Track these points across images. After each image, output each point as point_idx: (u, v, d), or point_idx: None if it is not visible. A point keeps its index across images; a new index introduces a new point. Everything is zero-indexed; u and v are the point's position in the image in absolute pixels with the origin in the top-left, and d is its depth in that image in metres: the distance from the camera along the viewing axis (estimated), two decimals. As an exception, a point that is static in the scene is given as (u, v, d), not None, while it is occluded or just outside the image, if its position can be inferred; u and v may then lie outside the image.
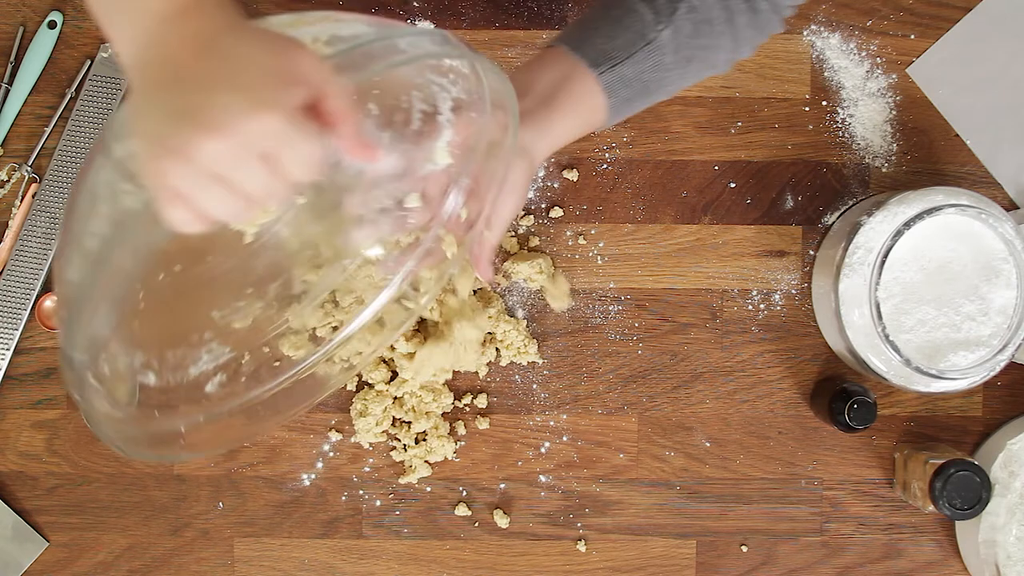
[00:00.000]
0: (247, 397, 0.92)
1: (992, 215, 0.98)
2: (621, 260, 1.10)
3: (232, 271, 0.89)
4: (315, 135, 0.59)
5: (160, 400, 0.85)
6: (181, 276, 0.86)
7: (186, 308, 0.89)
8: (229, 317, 0.91)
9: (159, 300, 0.86)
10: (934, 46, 1.09)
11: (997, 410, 1.10)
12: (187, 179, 0.58)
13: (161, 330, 0.87)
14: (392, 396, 1.09)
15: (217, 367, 0.90)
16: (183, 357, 0.88)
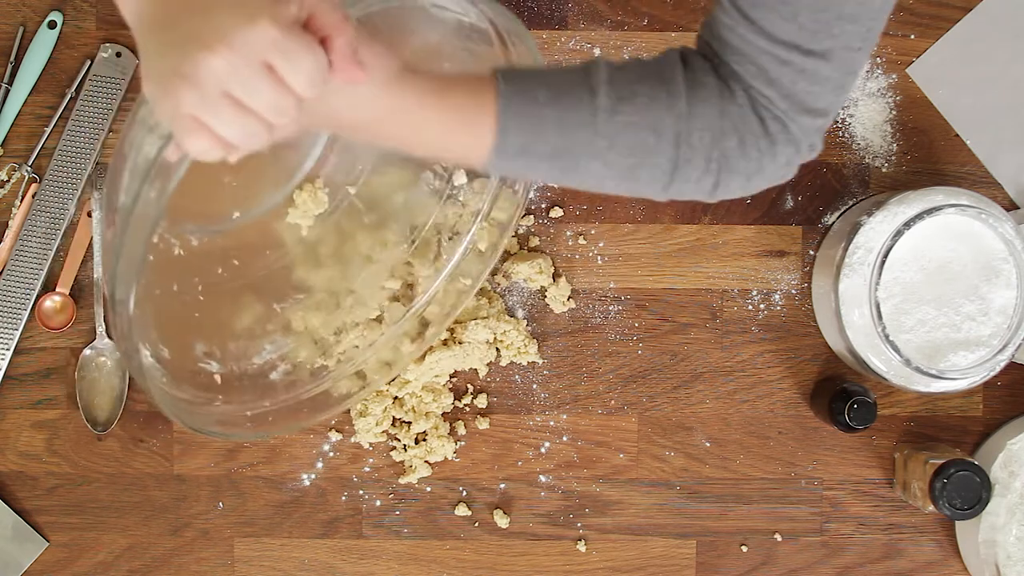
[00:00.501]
0: (313, 386, 0.92)
1: (992, 215, 0.98)
2: (621, 260, 1.10)
3: (292, 264, 0.89)
4: (312, 44, 0.60)
5: (224, 386, 0.86)
6: (240, 270, 0.87)
7: (248, 301, 0.90)
8: (291, 309, 0.92)
9: (219, 294, 0.87)
10: (934, 46, 1.09)
11: (997, 410, 1.10)
12: (199, 103, 0.60)
13: (223, 322, 0.88)
14: (392, 396, 1.09)
15: (281, 356, 0.90)
16: (246, 347, 0.89)
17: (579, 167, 0.73)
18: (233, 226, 0.87)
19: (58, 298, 1.08)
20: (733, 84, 0.74)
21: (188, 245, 0.84)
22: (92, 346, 1.08)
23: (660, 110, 0.72)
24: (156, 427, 1.09)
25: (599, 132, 0.72)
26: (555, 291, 1.09)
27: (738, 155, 0.74)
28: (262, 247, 0.88)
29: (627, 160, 0.73)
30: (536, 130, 0.71)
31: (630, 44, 1.09)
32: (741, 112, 0.73)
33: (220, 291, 0.87)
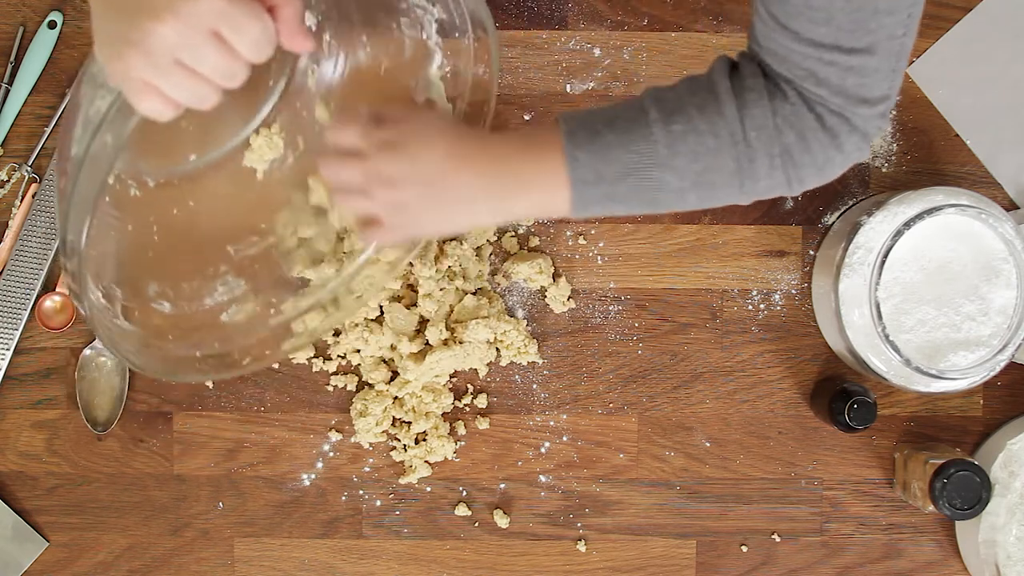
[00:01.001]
0: (263, 328, 0.93)
1: (992, 215, 0.98)
2: (621, 260, 1.10)
3: (247, 206, 0.91)
4: (258, 12, 0.64)
5: (174, 326, 0.87)
6: (196, 211, 0.88)
7: (202, 242, 0.91)
8: (244, 251, 0.93)
9: (173, 235, 0.88)
10: (934, 46, 1.09)
11: (997, 410, 1.10)
12: (149, 68, 0.63)
13: (176, 263, 0.89)
14: (392, 396, 1.09)
15: (232, 299, 0.91)
16: (199, 288, 0.90)
17: (653, 182, 0.77)
18: (190, 168, 0.88)
19: (58, 298, 1.08)
20: (784, 84, 0.76)
21: (145, 186, 0.86)
22: (92, 346, 1.08)
23: (712, 115, 0.76)
24: (156, 427, 1.09)
25: (659, 142, 0.75)
26: (555, 291, 1.09)
27: (801, 149, 0.76)
28: (217, 189, 0.89)
29: (693, 165, 0.76)
30: (603, 155, 0.76)
31: (630, 44, 1.09)
32: (795, 110, 0.75)
33: (175, 232, 0.89)
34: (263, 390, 1.10)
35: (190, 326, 0.90)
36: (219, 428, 1.10)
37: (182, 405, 1.10)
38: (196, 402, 1.10)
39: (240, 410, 1.10)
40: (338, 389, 1.10)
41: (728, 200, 0.79)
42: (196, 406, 1.10)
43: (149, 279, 0.88)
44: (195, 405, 1.10)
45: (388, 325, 1.07)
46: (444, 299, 1.07)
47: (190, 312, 0.90)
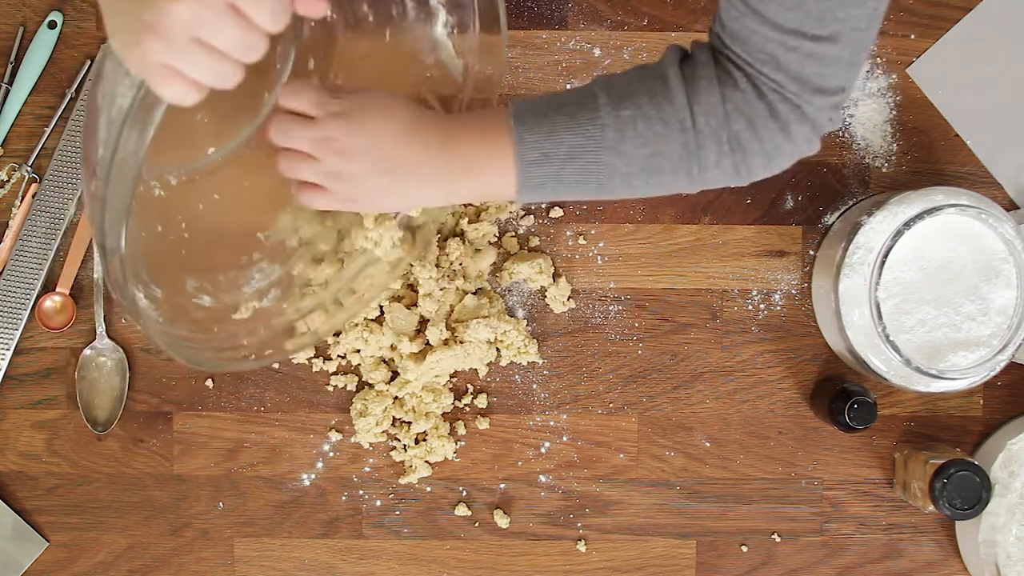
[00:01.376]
0: (302, 307, 0.94)
1: (992, 215, 0.98)
2: (621, 260, 1.10)
3: (272, 192, 0.91)
4: None
5: (217, 318, 0.88)
6: (222, 204, 0.88)
7: (232, 234, 0.91)
8: (275, 236, 0.93)
9: (203, 229, 0.88)
10: (934, 46, 1.09)
11: (997, 410, 1.10)
12: (167, 50, 0.62)
13: (210, 256, 0.89)
14: (392, 396, 1.09)
15: (270, 283, 0.92)
16: (235, 279, 0.90)
17: (600, 166, 0.77)
18: (210, 162, 0.88)
19: (58, 298, 1.08)
20: (735, 72, 0.76)
21: (168, 185, 0.86)
22: (92, 346, 1.08)
23: (661, 101, 0.76)
24: (156, 427, 1.09)
25: (607, 126, 0.76)
26: (555, 291, 1.09)
27: (750, 137, 0.76)
28: (239, 179, 0.90)
29: (641, 150, 0.76)
30: (550, 137, 0.76)
31: (630, 44, 1.09)
32: (745, 97, 0.76)
33: (203, 227, 0.89)
34: (263, 390, 1.10)
35: (232, 316, 0.90)
36: (219, 428, 1.10)
37: (182, 405, 1.10)
38: (196, 402, 1.10)
39: (240, 410, 1.10)
40: (338, 389, 1.10)
41: (676, 188, 0.79)
42: (196, 406, 1.10)
43: (186, 275, 0.88)
44: (195, 405, 1.10)
45: (388, 325, 1.07)
46: (444, 299, 1.07)
47: (232, 302, 0.90)
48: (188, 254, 0.88)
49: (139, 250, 0.81)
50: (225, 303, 0.90)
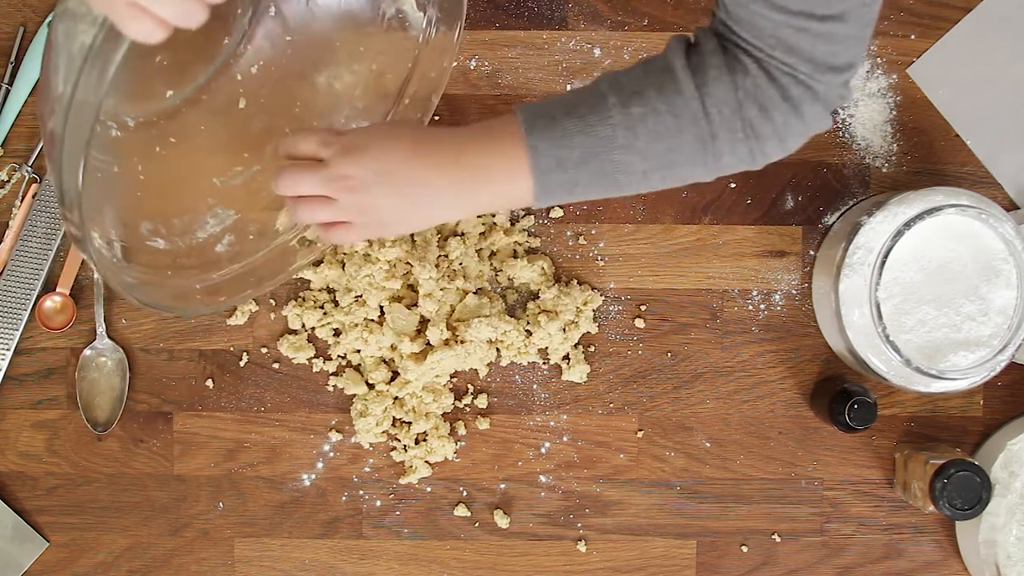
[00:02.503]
0: (257, 254, 0.94)
1: (992, 215, 0.98)
2: (621, 260, 1.10)
3: (229, 137, 0.92)
4: None
5: (171, 262, 0.88)
6: (178, 148, 0.89)
7: (188, 177, 0.92)
8: (231, 181, 0.93)
9: (159, 172, 0.89)
10: (934, 46, 1.09)
11: (997, 410, 1.10)
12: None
13: (165, 199, 0.90)
14: (392, 396, 1.09)
15: (224, 229, 0.92)
16: (190, 222, 0.91)
17: (615, 165, 0.77)
18: (168, 105, 0.89)
19: (58, 298, 1.08)
20: (744, 58, 0.76)
21: (125, 127, 0.86)
22: (92, 346, 1.08)
23: (670, 95, 0.76)
24: (156, 427, 1.09)
25: (618, 125, 0.76)
26: (575, 367, 1.10)
27: (763, 121, 0.77)
28: (197, 123, 0.90)
29: (655, 146, 0.77)
30: (563, 142, 0.76)
31: (630, 44, 1.09)
32: (755, 83, 0.76)
33: (160, 169, 0.90)
34: (263, 390, 1.10)
35: (187, 260, 0.91)
36: (219, 428, 1.10)
37: (182, 405, 1.10)
38: (196, 402, 1.10)
39: (240, 410, 1.10)
40: (338, 389, 1.10)
41: (693, 178, 0.80)
42: (196, 406, 1.10)
43: (141, 218, 0.88)
44: (195, 405, 1.10)
45: (388, 325, 1.07)
46: (445, 299, 1.07)
47: (185, 246, 0.91)
48: (143, 196, 0.88)
49: (96, 192, 0.81)
50: (178, 247, 0.90)
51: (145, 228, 0.88)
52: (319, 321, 1.09)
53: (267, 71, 0.92)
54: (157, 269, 0.88)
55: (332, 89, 0.96)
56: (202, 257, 0.92)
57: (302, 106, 0.96)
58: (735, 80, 0.76)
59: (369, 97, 0.97)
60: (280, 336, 1.09)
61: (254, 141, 0.95)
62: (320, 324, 1.09)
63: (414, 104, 0.97)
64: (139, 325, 1.09)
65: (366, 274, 1.06)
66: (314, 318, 1.08)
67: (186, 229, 0.92)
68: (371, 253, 1.05)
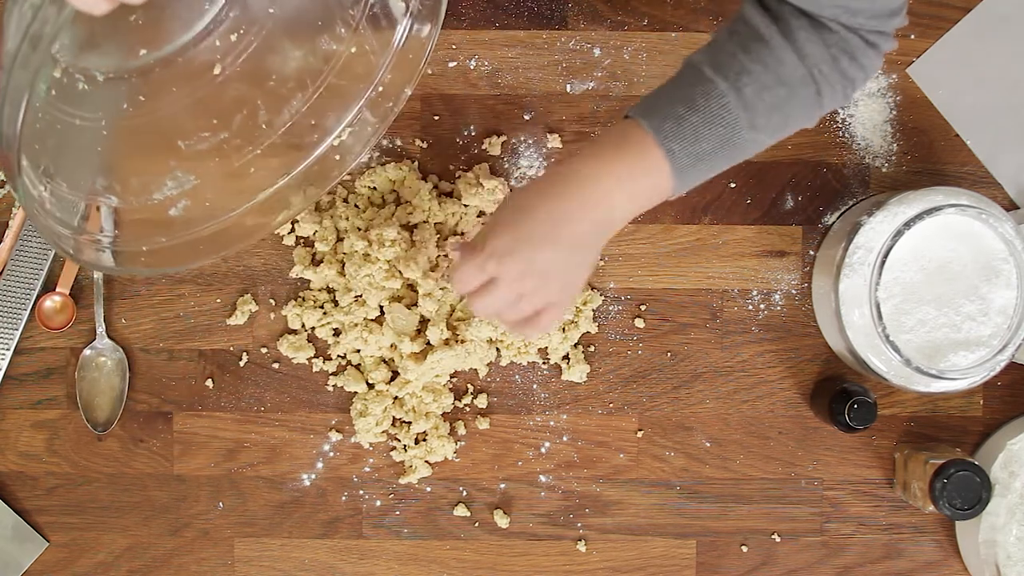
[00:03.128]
0: (210, 224, 0.94)
1: (992, 215, 0.98)
2: (621, 260, 1.10)
3: (199, 102, 0.91)
4: None
5: (120, 220, 0.88)
6: (146, 107, 0.89)
7: (152, 138, 0.92)
8: (195, 146, 0.93)
9: (122, 130, 0.89)
10: (934, 46, 1.09)
11: (997, 410, 1.10)
12: None
13: (126, 157, 0.90)
14: (392, 396, 1.09)
15: (182, 193, 0.92)
16: (147, 183, 0.91)
17: (745, 144, 0.82)
18: (140, 63, 0.89)
19: (58, 298, 1.08)
20: (822, 18, 0.80)
21: (94, 80, 0.86)
22: (92, 346, 1.08)
23: (773, 67, 0.80)
24: (156, 427, 1.09)
25: (738, 107, 0.80)
26: (575, 367, 1.09)
27: (856, 68, 0.82)
28: (168, 84, 0.90)
29: (774, 117, 0.81)
30: (693, 138, 0.80)
31: (630, 44, 1.09)
32: (841, 36, 0.80)
33: (125, 127, 0.90)
34: (263, 390, 1.10)
35: (137, 220, 0.90)
36: (219, 428, 1.10)
37: (182, 405, 1.10)
38: (196, 402, 1.10)
39: (240, 410, 1.10)
40: (338, 389, 1.10)
41: (798, 128, 0.84)
42: (196, 406, 1.10)
43: (96, 173, 0.88)
44: (195, 405, 1.10)
45: (388, 325, 1.07)
46: (445, 299, 1.07)
47: (138, 206, 0.91)
48: (104, 152, 0.88)
49: (52, 143, 0.81)
50: (132, 205, 0.90)
51: (99, 184, 0.88)
52: (319, 321, 1.09)
53: (246, 40, 0.92)
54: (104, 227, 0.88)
55: (308, 65, 0.96)
56: (154, 219, 0.92)
57: (277, 79, 0.96)
58: (824, 38, 0.80)
59: (345, 78, 0.97)
60: (280, 336, 1.10)
61: (225, 109, 0.95)
62: (320, 324, 1.09)
63: (387, 94, 0.98)
64: (139, 325, 1.09)
65: (366, 274, 1.05)
66: (314, 318, 1.08)
67: (143, 189, 0.92)
68: (371, 253, 1.05)
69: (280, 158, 0.98)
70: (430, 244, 1.06)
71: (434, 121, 1.09)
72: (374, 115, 0.99)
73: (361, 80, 0.98)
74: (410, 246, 1.07)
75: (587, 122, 1.09)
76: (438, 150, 1.10)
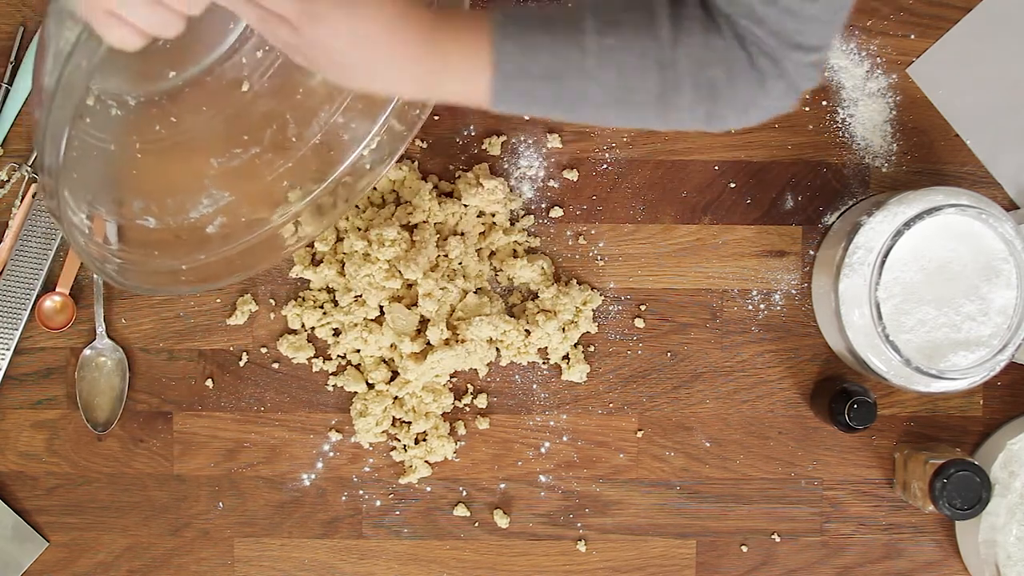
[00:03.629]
0: (248, 238, 0.95)
1: (992, 215, 0.98)
2: (621, 260, 1.10)
3: (230, 120, 0.92)
4: None
5: (160, 240, 0.89)
6: (178, 127, 0.89)
7: (186, 157, 0.93)
8: (228, 163, 0.94)
9: (156, 151, 0.90)
10: (934, 46, 1.09)
11: (997, 410, 1.10)
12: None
13: (160, 178, 0.91)
14: (392, 396, 1.09)
15: (217, 210, 0.93)
16: (183, 202, 0.91)
17: (575, 91, 0.76)
18: (170, 86, 0.90)
19: (58, 298, 1.08)
20: (720, 19, 0.76)
21: (126, 105, 0.87)
22: (92, 346, 1.09)
23: (644, 36, 0.75)
24: (156, 427, 1.09)
25: (587, 51, 0.75)
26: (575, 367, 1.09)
27: (726, 85, 0.76)
28: (199, 104, 0.91)
29: (618, 81, 0.76)
30: (530, 52, 0.75)
31: (630, 44, 1.09)
32: (726, 45, 0.76)
33: (158, 148, 0.92)
34: (263, 390, 1.10)
35: (176, 239, 0.91)
36: (219, 428, 1.10)
37: (182, 405, 1.10)
38: (196, 402, 1.10)
39: (240, 410, 1.10)
40: (338, 388, 1.10)
41: (646, 124, 0.79)
42: (196, 406, 1.10)
43: (133, 196, 0.89)
44: (195, 405, 1.10)
45: (388, 325, 1.07)
46: (445, 299, 1.07)
47: (176, 225, 0.91)
48: (139, 174, 0.89)
49: (89, 170, 0.82)
50: (169, 226, 0.91)
51: (137, 207, 0.89)
52: (319, 321, 1.09)
53: (271, 56, 0.93)
54: (145, 247, 0.89)
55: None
56: (192, 237, 0.93)
57: (304, 93, 0.97)
58: (708, 39, 0.76)
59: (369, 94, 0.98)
60: (280, 336, 1.10)
61: (255, 125, 0.96)
62: (320, 324, 1.09)
63: (412, 102, 0.98)
64: (139, 325, 1.09)
65: (366, 274, 1.05)
66: (314, 318, 1.08)
67: (179, 209, 0.92)
68: (371, 253, 1.05)
69: (311, 170, 0.98)
70: (430, 244, 1.06)
71: (434, 121, 1.09)
72: (401, 123, 0.99)
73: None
74: (410, 246, 1.07)
75: (587, 122, 1.09)
76: (438, 150, 1.10)
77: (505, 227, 1.09)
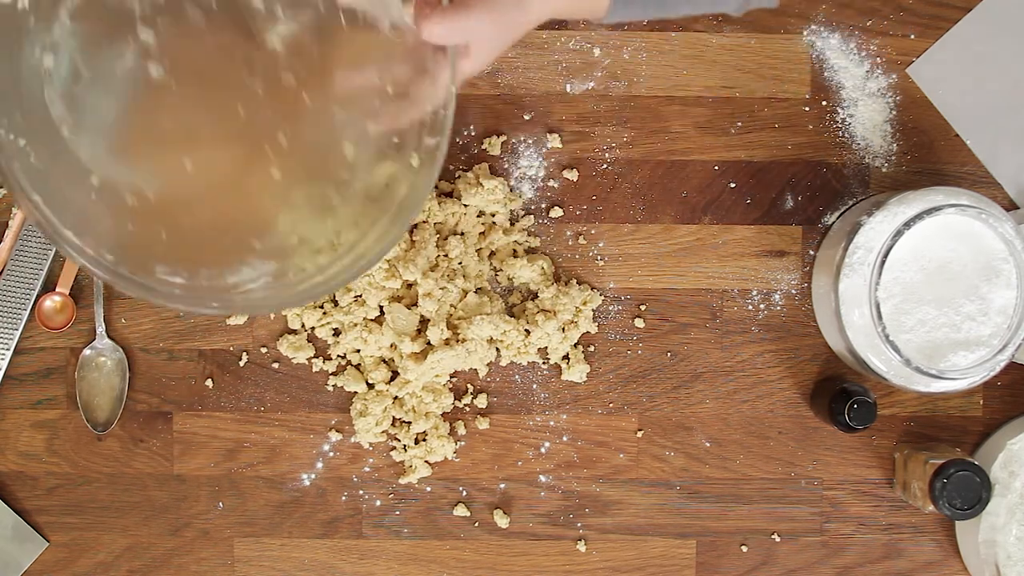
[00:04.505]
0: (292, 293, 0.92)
1: (992, 215, 0.98)
2: (621, 260, 1.10)
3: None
4: None
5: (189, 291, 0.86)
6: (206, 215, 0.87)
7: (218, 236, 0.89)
8: (271, 241, 0.91)
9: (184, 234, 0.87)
10: (934, 46, 1.09)
11: (997, 410, 1.10)
12: None
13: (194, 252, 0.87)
14: (392, 396, 1.09)
15: (260, 274, 0.89)
16: (219, 272, 0.88)
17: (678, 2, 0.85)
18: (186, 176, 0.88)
19: (58, 298, 1.08)
20: None
21: (143, 197, 0.85)
22: (92, 346, 1.09)
23: None
24: (156, 427, 1.09)
25: None
26: (574, 366, 1.09)
27: None
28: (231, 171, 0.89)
29: None
30: None
31: (630, 44, 1.09)
32: None
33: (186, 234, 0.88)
34: (263, 390, 1.10)
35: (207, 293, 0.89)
36: (219, 428, 1.10)
37: (182, 405, 1.10)
38: (196, 402, 1.10)
39: (240, 410, 1.10)
40: (338, 388, 1.10)
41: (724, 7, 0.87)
42: (196, 406, 1.10)
43: (159, 263, 0.87)
44: (195, 405, 1.10)
45: (388, 325, 1.07)
46: (445, 299, 1.07)
47: (208, 286, 0.89)
48: (167, 251, 0.86)
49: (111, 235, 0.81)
50: (200, 284, 0.89)
51: (161, 271, 0.85)
52: (319, 321, 1.09)
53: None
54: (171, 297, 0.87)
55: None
56: (226, 291, 0.90)
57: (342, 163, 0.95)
58: None
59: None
60: (280, 336, 1.10)
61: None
62: (320, 324, 1.09)
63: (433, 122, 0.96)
64: (139, 325, 1.09)
65: (366, 274, 1.06)
66: (314, 318, 1.08)
67: (216, 276, 0.90)
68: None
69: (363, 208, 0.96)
70: (430, 244, 1.06)
71: (434, 121, 1.09)
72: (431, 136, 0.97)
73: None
74: (410, 246, 1.07)
75: (587, 122, 1.09)
76: (438, 150, 1.10)
77: (505, 227, 1.09)
